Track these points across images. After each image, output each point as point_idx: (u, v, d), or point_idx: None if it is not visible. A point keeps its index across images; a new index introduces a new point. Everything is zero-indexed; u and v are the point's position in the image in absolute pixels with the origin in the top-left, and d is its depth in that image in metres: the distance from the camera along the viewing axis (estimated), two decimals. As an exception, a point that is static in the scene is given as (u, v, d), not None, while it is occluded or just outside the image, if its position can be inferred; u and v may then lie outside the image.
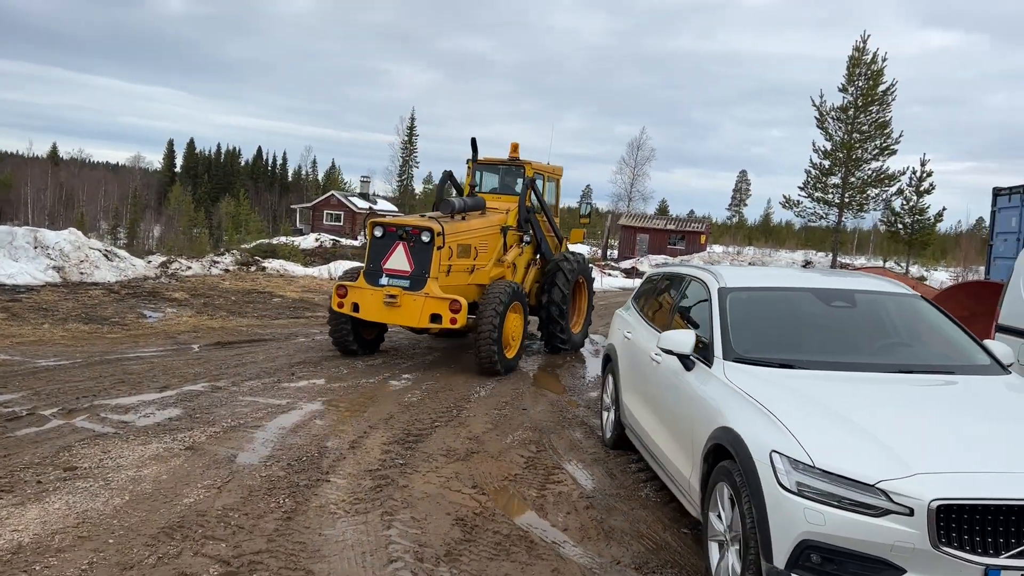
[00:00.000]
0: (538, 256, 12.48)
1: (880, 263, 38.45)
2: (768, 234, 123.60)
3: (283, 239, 48.75)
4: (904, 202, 29.95)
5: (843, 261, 36.79)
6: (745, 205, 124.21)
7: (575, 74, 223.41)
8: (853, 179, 30.34)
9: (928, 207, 29.84)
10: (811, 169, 30.96)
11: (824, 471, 3.35)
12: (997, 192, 16.65)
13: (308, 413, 7.42)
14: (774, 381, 4.17)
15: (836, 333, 4.97)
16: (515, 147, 12.83)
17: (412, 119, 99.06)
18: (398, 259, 10.05)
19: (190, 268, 22.86)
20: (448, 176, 12.32)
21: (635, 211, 68.30)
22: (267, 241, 47.70)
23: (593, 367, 11.28)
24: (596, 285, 16.46)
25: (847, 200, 30.55)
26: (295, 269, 24.91)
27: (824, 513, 3.28)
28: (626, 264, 51.69)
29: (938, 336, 4.96)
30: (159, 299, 15.95)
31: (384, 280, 10.03)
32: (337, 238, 56.78)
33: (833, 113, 30.47)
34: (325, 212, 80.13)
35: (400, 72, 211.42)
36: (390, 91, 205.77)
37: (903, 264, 32.61)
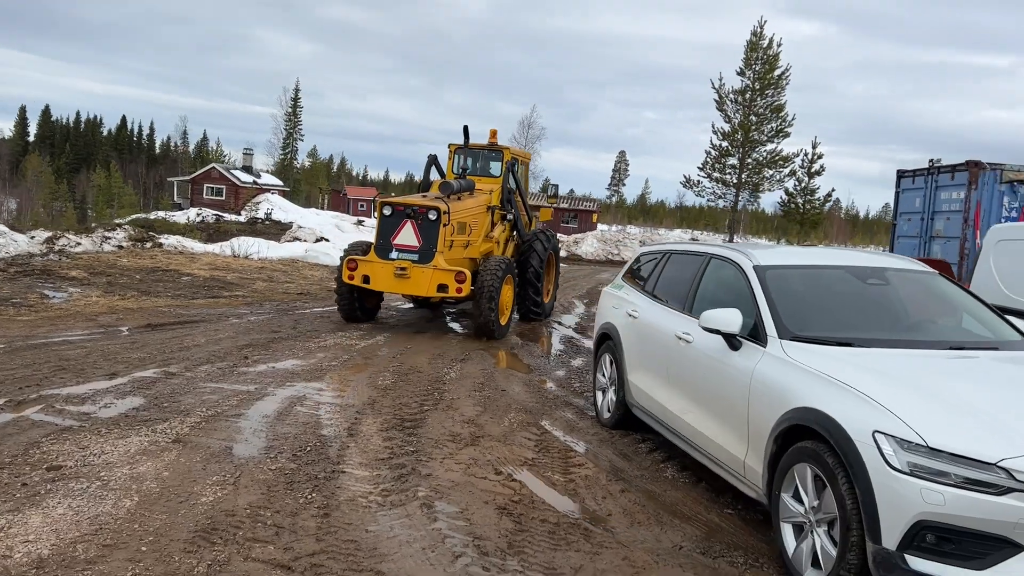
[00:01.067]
0: (514, 233, 13.55)
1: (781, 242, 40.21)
2: (646, 213, 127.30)
3: (161, 214, 46.13)
4: (797, 183, 31.40)
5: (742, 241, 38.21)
6: (624, 185, 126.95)
7: (458, 49, 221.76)
8: (750, 160, 31.47)
9: (818, 188, 31.46)
10: (711, 150, 31.94)
11: (938, 451, 3.34)
12: (901, 174, 17.60)
13: (284, 400, 6.97)
14: (844, 359, 4.16)
15: (879, 311, 5.03)
16: (494, 133, 13.96)
17: (296, 90, 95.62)
18: (407, 235, 11.07)
19: (80, 244, 21.35)
20: (433, 159, 13.57)
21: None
22: (144, 216, 45.07)
23: (548, 344, 11.18)
24: None
25: (744, 181, 31.68)
26: (194, 246, 23.66)
27: (943, 493, 3.27)
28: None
29: (967, 312, 5.09)
30: (55, 278, 14.78)
31: (394, 254, 11.02)
32: (220, 213, 54.09)
33: (731, 96, 31.44)
34: (205, 186, 76.61)
35: (279, 42, 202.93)
36: (268, 61, 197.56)
37: (793, 242, 34.19)
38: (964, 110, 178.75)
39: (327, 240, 25.72)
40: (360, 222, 37.86)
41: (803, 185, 31.22)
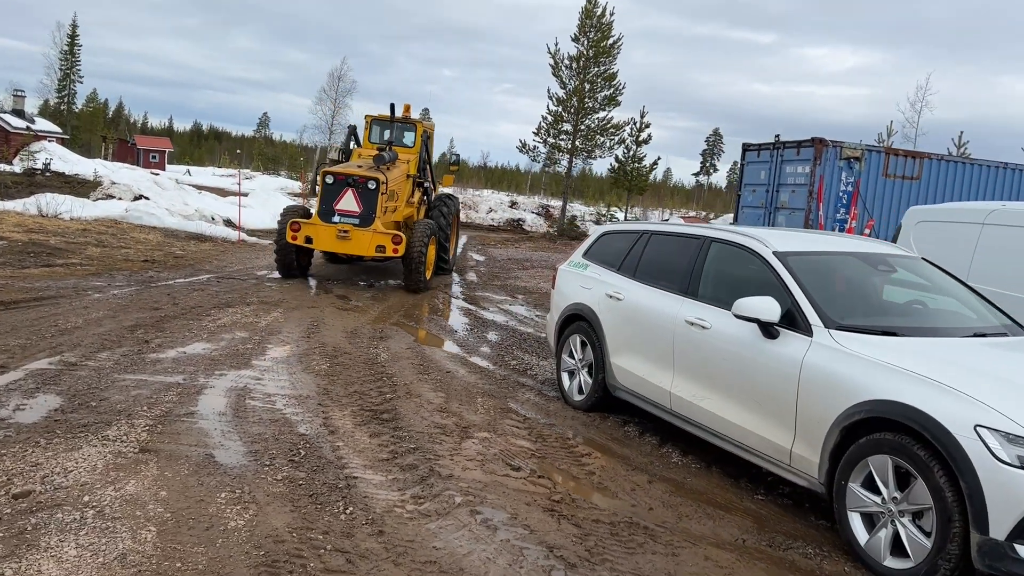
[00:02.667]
0: (425, 198, 15.46)
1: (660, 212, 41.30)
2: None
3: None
4: (626, 150, 32.55)
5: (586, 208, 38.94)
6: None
7: None
8: (582, 127, 32.19)
9: (645, 156, 32.80)
10: (546, 116, 32.29)
11: (1045, 442, 3.51)
12: (746, 147, 18.68)
13: (227, 392, 6.25)
14: (904, 350, 4.27)
15: (900, 298, 5.21)
16: (408, 108, 15.45)
17: (74, 27, 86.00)
18: (348, 202, 12.41)
19: None
20: (352, 130, 15.71)
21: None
22: None
23: (449, 315, 10.84)
24: None
25: (579, 147, 32.39)
26: (-12, 203, 20.76)
27: (1056, 483, 3.44)
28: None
29: (954, 296, 5.38)
30: None
31: (336, 219, 12.36)
32: (-13, 162, 47.79)
33: (567, 62, 31.88)
34: (-34, 131, 67.53)
35: None
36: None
37: (623, 208, 35.60)
38: (731, 82, 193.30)
39: (147, 199, 23.46)
40: (180, 181, 34.89)
41: (631, 152, 32.46)
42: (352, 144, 15.46)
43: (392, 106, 14.82)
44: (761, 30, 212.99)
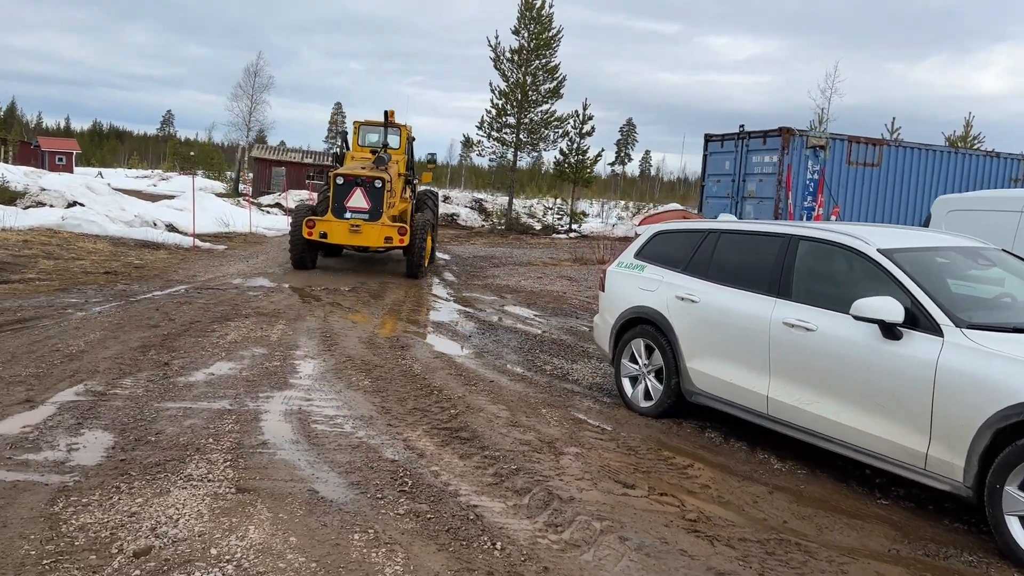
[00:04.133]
0: (410, 194, 16.98)
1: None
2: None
3: None
4: (569, 143, 32.51)
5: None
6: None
7: None
8: (526, 121, 31.99)
9: (588, 148, 32.83)
10: (490, 110, 31.94)
11: None
12: (708, 138, 18.86)
13: (285, 416, 5.83)
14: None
15: (1009, 293, 5.18)
16: (392, 114, 16.60)
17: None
18: (358, 199, 14.26)
19: None
20: (343, 135, 17.64)
21: (266, 145, 64.60)
22: None
23: (450, 319, 10.50)
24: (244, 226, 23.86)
25: (523, 140, 32.18)
26: (-90, 214, 19.30)
27: None
28: (267, 200, 48.63)
29: None
30: None
31: (348, 215, 14.21)
32: None
33: (508, 55, 31.60)
34: None
35: None
36: None
37: (569, 200, 35.55)
38: (638, 71, 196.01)
39: (82, 205, 22.17)
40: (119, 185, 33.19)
41: (575, 145, 32.44)
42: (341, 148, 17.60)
43: (386, 113, 16.53)
44: (664, 20, 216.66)
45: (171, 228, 21.82)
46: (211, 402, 6.07)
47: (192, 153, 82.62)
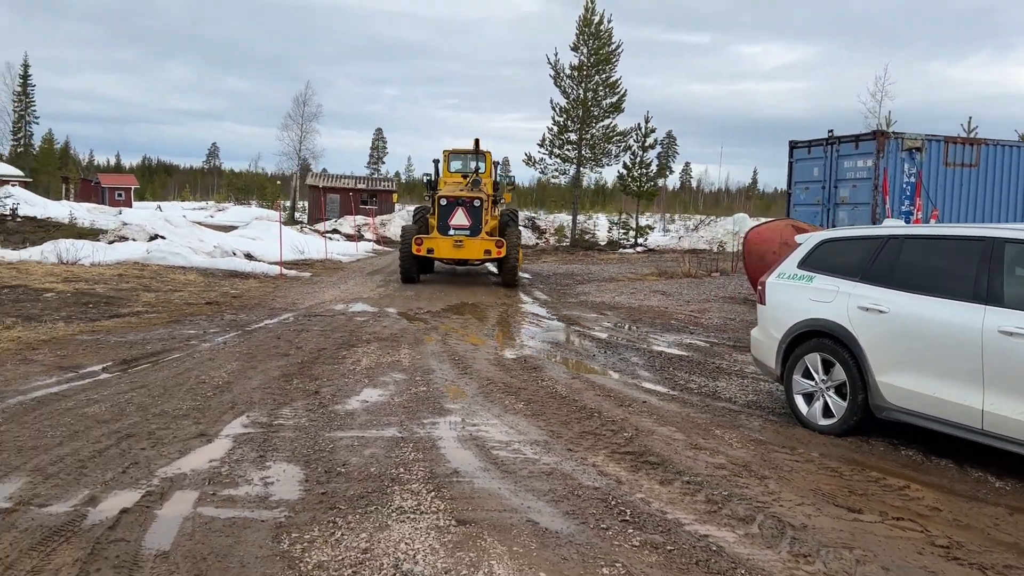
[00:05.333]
0: (496, 212, 18.47)
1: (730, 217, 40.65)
2: (411, 190, 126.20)
3: None
4: (632, 157, 32.26)
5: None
6: (383, 163, 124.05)
7: (174, 19, 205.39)
8: (587, 136, 31.84)
9: (651, 162, 32.53)
10: (552, 127, 31.87)
11: None
12: (794, 145, 18.45)
13: (457, 441, 5.68)
14: None
15: None
16: (477, 142, 18.63)
17: (26, 67, 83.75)
18: (460, 218, 16.31)
19: None
20: (436, 163, 19.01)
21: (321, 171, 65.45)
22: None
23: (568, 338, 10.30)
24: (320, 253, 23.99)
25: (586, 156, 32.02)
26: (3, 253, 19.81)
27: None
28: (323, 226, 49.15)
29: None
30: None
31: (452, 232, 16.23)
32: (-47, 210, 45.83)
33: (568, 72, 31.54)
34: (-74, 180, 65.27)
35: None
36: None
37: (634, 215, 35.24)
38: (670, 83, 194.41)
39: (163, 237, 22.56)
40: (210, 217, 33.87)
41: (638, 159, 32.19)
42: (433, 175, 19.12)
43: (476, 141, 18.57)
44: (696, 31, 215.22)
45: (249, 257, 22.08)
46: (380, 430, 5.94)
47: (243, 184, 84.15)
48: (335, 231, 46.57)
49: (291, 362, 8.30)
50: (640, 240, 32.75)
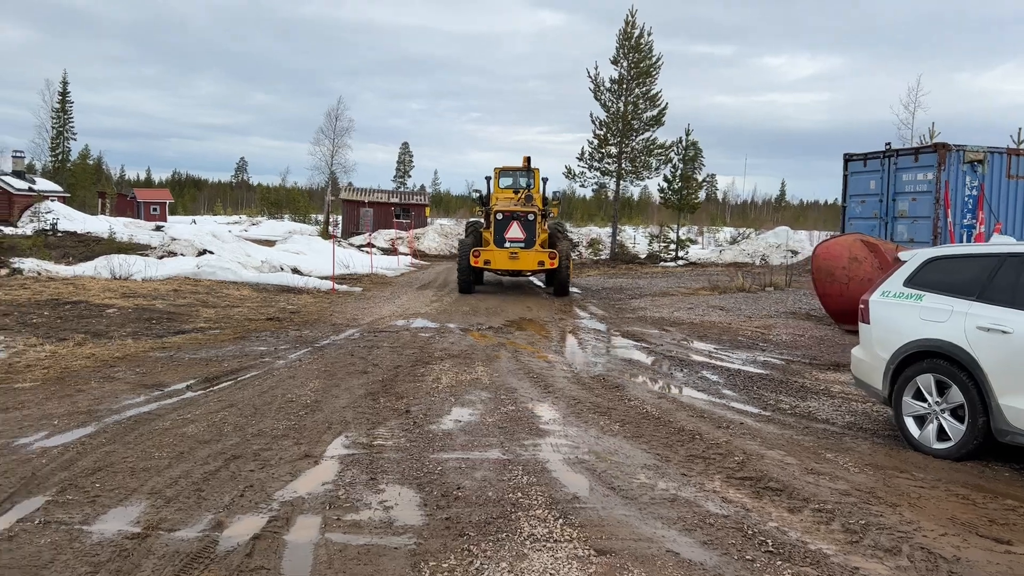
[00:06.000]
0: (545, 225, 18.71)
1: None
2: (438, 203, 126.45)
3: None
4: (673, 170, 32.08)
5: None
6: (410, 176, 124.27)
7: (201, 35, 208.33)
8: (627, 149, 31.71)
9: (692, 174, 32.30)
10: (591, 140, 31.79)
11: None
12: (848, 158, 18.19)
13: (566, 464, 5.57)
14: None
15: None
16: (528, 159, 19.98)
17: (64, 83, 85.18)
18: (515, 231, 17.22)
19: (-82, 275, 17.37)
20: (488, 179, 20.04)
21: (347, 185, 65.84)
22: None
23: (632, 355, 10.15)
24: (364, 268, 24.44)
25: (627, 169, 31.89)
26: (58, 269, 20.05)
27: None
28: (358, 240, 49.37)
29: None
30: None
31: (507, 244, 17.15)
32: (-3, 226, 46.48)
33: (608, 85, 31.48)
34: (-32, 196, 66.37)
35: None
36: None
37: (674, 228, 35.06)
38: (696, 96, 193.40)
39: (211, 252, 22.74)
40: (245, 231, 34.17)
41: (679, 172, 31.99)
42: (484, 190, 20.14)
43: (528, 159, 19.85)
44: (719, 43, 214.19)
45: (296, 271, 22.17)
46: (483, 452, 5.85)
47: (276, 198, 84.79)
48: (370, 245, 46.78)
49: (372, 380, 8.25)
50: (681, 253, 32.49)
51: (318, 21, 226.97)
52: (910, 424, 6.17)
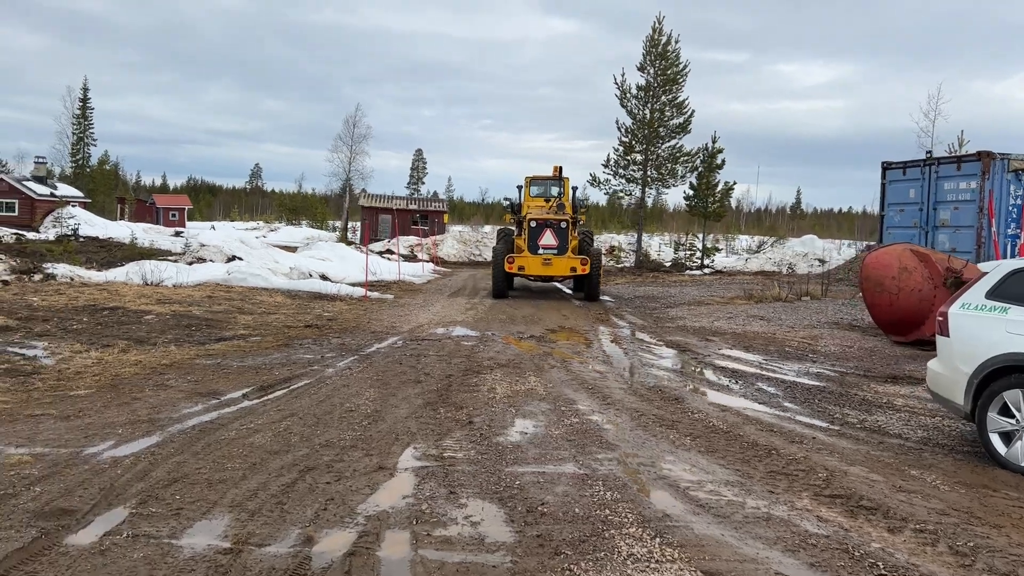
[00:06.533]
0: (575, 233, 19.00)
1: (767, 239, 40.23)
2: (452, 210, 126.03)
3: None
4: (698, 177, 31.87)
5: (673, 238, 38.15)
6: (423, 183, 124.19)
7: (213, 42, 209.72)
8: (653, 157, 31.56)
9: (718, 182, 32.13)
10: (617, 147, 31.67)
11: None
12: (887, 166, 18.00)
13: (652, 483, 5.42)
14: None
15: None
16: (560, 169, 20.69)
17: (85, 90, 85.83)
18: (548, 238, 17.82)
19: (-44, 280, 17.42)
20: (519, 187, 20.94)
21: (383, 193, 65.96)
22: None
23: (692, 369, 10.00)
24: (391, 274, 24.11)
25: (653, 177, 31.74)
26: (90, 275, 20.10)
27: None
28: (377, 246, 49.34)
29: None
30: None
31: (540, 251, 17.74)
32: (20, 232, 46.68)
33: (634, 92, 31.35)
34: (-9, 201, 66.78)
35: None
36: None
37: (699, 236, 34.86)
38: (708, 102, 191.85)
39: (240, 259, 22.74)
40: (266, 235, 34.19)
41: (704, 179, 31.81)
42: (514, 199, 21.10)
43: (559, 169, 20.54)
44: (733, 50, 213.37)
45: (324, 278, 22.13)
46: (557, 465, 5.73)
47: (295, 204, 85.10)
48: (389, 251, 46.80)
49: (426, 389, 8.14)
50: (707, 261, 32.29)
51: (330, 28, 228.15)
52: (996, 441, 5.99)
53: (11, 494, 4.76)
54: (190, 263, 22.10)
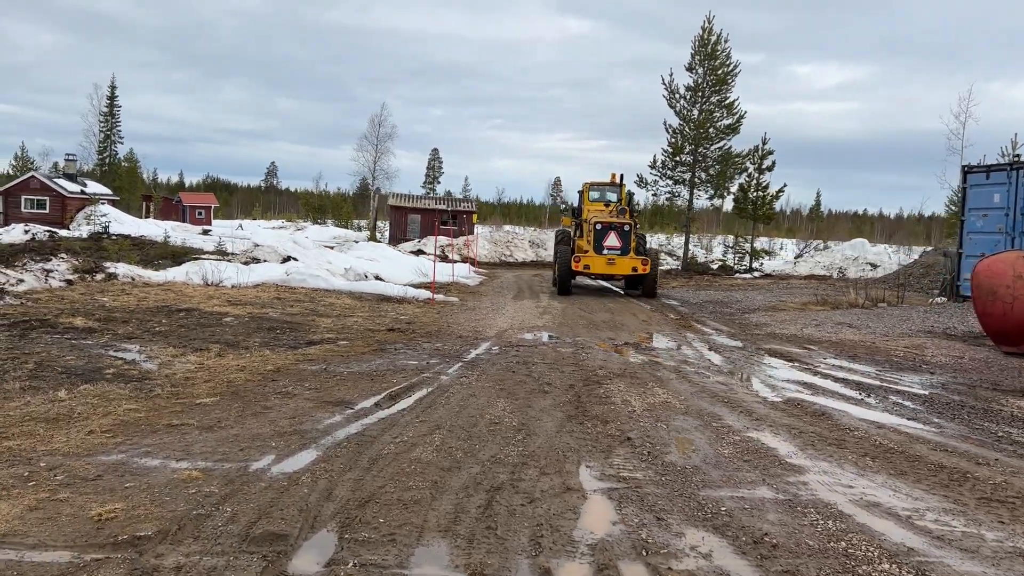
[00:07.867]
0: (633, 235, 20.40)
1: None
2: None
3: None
4: (748, 179, 31.41)
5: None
6: (439, 183, 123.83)
7: (228, 41, 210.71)
8: (701, 158, 31.13)
9: (768, 184, 31.65)
10: (666, 148, 31.23)
11: None
12: (968, 170, 17.51)
13: (850, 505, 5.04)
14: None
15: None
16: (620, 176, 22.75)
17: (113, 88, 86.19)
18: (612, 239, 19.44)
19: (23, 281, 17.25)
20: (580, 193, 22.76)
21: (402, 192, 65.86)
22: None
23: (805, 378, 9.62)
24: (441, 276, 22.35)
25: (702, 179, 31.31)
26: (150, 275, 19.93)
27: None
28: (407, 246, 49.08)
29: None
30: (63, 330, 11.31)
31: (605, 251, 19.33)
32: (52, 229, 46.65)
33: (683, 93, 30.93)
34: (23, 198, 66.87)
35: (10, 29, 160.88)
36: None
37: (747, 238, 34.38)
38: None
39: (295, 259, 22.52)
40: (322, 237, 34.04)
41: (754, 181, 31.34)
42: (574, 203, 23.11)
43: (620, 176, 22.60)
44: (747, 51, 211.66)
45: (378, 278, 21.88)
46: (750, 489, 5.37)
47: (320, 203, 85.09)
48: (420, 251, 46.56)
49: (558, 401, 7.82)
50: (756, 264, 31.81)
51: (343, 28, 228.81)
52: None
53: (204, 515, 4.47)
54: (246, 263, 21.89)
